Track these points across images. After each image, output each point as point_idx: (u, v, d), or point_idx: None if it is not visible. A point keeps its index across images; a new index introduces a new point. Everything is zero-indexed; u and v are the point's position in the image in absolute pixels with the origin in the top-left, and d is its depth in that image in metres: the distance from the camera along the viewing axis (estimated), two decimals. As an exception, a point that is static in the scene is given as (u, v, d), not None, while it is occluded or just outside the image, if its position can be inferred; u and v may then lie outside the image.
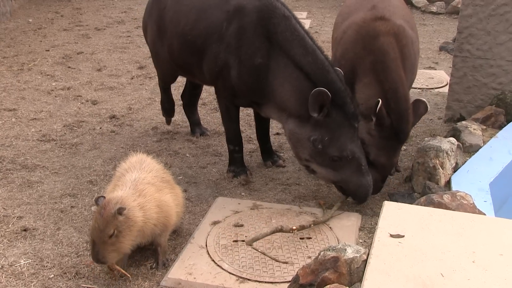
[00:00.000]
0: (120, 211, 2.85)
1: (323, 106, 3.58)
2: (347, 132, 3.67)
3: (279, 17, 3.85)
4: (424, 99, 3.83)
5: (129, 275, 3.08)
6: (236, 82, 4.01)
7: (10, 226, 3.67)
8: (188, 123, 5.28)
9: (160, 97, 5.26)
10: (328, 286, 2.37)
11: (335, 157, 3.66)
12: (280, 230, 3.36)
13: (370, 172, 3.74)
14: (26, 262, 3.31)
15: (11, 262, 3.29)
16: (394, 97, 3.68)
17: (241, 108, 4.41)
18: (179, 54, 4.38)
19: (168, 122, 5.30)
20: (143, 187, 3.13)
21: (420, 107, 3.80)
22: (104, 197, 2.96)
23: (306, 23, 9.74)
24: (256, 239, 3.29)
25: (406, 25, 4.04)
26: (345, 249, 2.53)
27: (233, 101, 4.18)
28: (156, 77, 6.78)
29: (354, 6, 4.39)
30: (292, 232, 3.42)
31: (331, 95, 3.53)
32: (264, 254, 3.28)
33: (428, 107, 3.82)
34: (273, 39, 3.84)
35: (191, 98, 5.17)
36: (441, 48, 8.12)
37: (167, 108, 5.20)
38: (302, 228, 3.48)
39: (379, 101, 3.58)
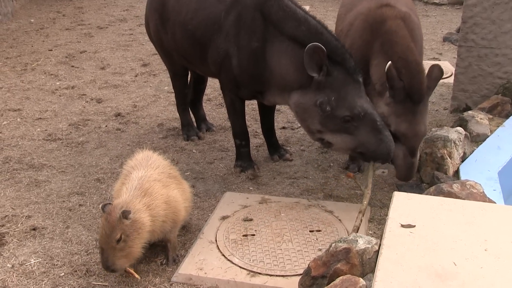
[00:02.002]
0: (125, 214, 2.83)
1: (322, 65, 3.53)
2: (352, 88, 3.57)
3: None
4: (438, 64, 3.73)
5: (138, 276, 3.07)
6: (237, 71, 4.00)
7: (19, 225, 3.68)
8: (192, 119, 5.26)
9: (164, 95, 5.22)
10: (340, 277, 2.37)
11: (347, 117, 3.54)
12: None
13: (396, 148, 3.63)
14: (36, 261, 3.31)
15: (21, 261, 3.30)
16: (404, 63, 3.59)
17: (246, 103, 4.40)
18: (182, 44, 4.38)
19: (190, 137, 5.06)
20: (149, 185, 3.12)
21: (434, 71, 3.68)
22: (111, 203, 2.94)
23: (308, 17, 9.71)
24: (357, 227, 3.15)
25: (411, 12, 4.04)
26: (357, 240, 2.53)
27: (237, 93, 4.17)
28: (160, 74, 6.81)
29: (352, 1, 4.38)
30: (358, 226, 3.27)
31: (328, 53, 3.49)
32: None
33: (443, 69, 3.68)
34: (268, 21, 3.84)
35: (196, 93, 5.16)
36: (445, 39, 8.09)
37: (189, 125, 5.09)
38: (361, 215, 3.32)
39: (389, 62, 3.54)
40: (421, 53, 4.09)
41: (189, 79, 5.09)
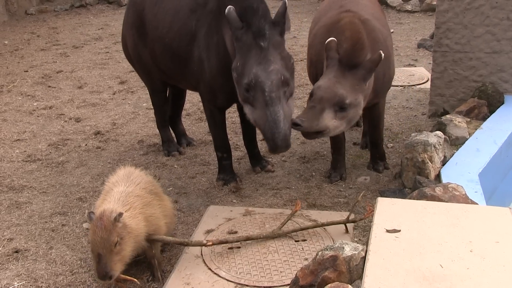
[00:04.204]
0: (118, 217, 2.83)
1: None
2: (254, 54, 3.39)
3: None
4: (381, 52, 3.63)
5: (136, 280, 3.03)
6: (209, 75, 3.98)
7: (0, 248, 3.62)
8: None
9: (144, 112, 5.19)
10: (328, 285, 2.37)
11: (245, 85, 3.38)
12: None
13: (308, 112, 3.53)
14: (20, 283, 3.26)
15: (4, 285, 3.24)
16: (346, 40, 3.61)
17: (226, 116, 4.39)
18: (162, 59, 4.37)
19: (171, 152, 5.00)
20: (132, 200, 3.11)
21: (374, 55, 3.65)
22: (94, 213, 2.93)
23: (284, 29, 9.75)
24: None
25: (374, 20, 4.09)
26: (343, 247, 2.54)
27: (215, 103, 4.13)
28: (138, 91, 6.78)
29: (324, 10, 4.48)
30: None
31: (242, 17, 3.46)
32: None
33: (382, 55, 3.59)
34: (221, 12, 3.78)
35: (174, 109, 5.15)
36: (419, 46, 8.18)
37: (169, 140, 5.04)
38: None
39: (332, 38, 3.59)
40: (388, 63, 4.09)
41: (167, 95, 5.07)
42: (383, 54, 3.60)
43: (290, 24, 3.62)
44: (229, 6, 3.50)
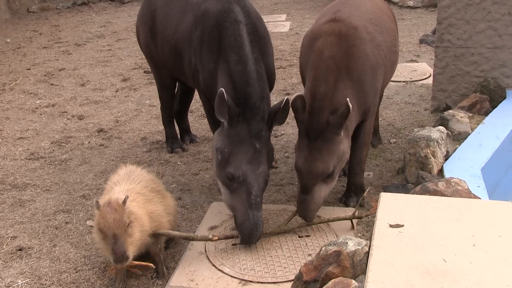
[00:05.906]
0: (126, 199, 2.86)
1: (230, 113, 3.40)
2: (246, 150, 3.38)
3: (231, 21, 3.70)
4: (347, 101, 3.28)
5: (151, 264, 3.05)
6: (203, 87, 3.99)
7: (4, 246, 3.63)
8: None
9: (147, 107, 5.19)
10: (332, 280, 2.37)
11: (229, 175, 3.36)
12: None
13: (298, 183, 3.48)
14: (24, 281, 3.27)
15: (8, 283, 3.25)
16: (308, 95, 3.43)
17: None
18: (169, 59, 4.40)
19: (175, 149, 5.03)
20: (133, 196, 3.13)
21: (341, 108, 3.31)
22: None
23: (286, 25, 9.77)
24: None
25: (368, 27, 3.77)
26: (347, 243, 2.54)
27: (211, 104, 4.12)
28: (140, 88, 6.79)
29: (324, 13, 4.22)
30: None
31: (241, 108, 3.41)
32: None
33: (350, 106, 3.25)
34: (221, 44, 3.72)
35: (182, 105, 5.16)
36: (421, 41, 8.18)
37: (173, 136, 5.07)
38: None
39: (295, 94, 3.37)
40: (374, 72, 3.73)
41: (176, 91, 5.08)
42: (350, 105, 3.25)
43: (287, 118, 3.56)
44: (220, 89, 3.37)
